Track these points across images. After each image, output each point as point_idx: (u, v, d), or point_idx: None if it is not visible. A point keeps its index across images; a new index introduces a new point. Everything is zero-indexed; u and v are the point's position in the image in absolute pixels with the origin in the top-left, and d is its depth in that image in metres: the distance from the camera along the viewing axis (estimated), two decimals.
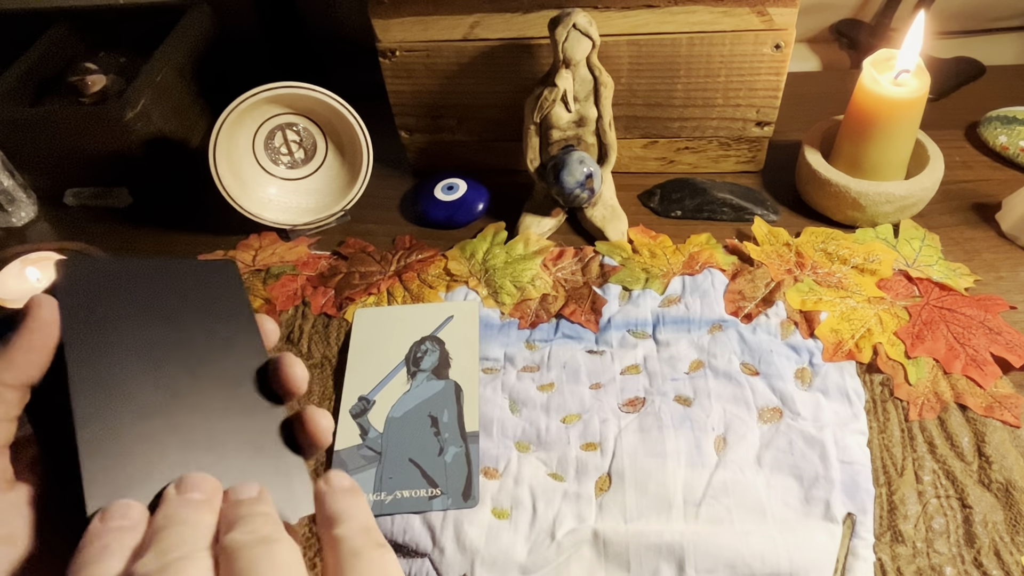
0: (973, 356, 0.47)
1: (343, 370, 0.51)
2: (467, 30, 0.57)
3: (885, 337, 0.49)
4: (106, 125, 0.63)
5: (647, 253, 0.57)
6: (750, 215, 0.59)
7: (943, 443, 0.44)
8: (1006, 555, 0.39)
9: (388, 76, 0.61)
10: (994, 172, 0.63)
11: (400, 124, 0.65)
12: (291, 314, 0.56)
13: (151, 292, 0.30)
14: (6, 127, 0.65)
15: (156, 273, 0.31)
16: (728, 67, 0.57)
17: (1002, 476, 0.42)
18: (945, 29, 0.77)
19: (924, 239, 0.56)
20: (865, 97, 0.54)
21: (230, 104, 0.56)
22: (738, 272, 0.55)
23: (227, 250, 0.62)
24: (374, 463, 0.45)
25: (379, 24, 0.58)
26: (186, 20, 0.74)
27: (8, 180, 0.65)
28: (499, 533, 0.41)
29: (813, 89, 0.73)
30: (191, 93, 0.73)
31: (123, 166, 0.66)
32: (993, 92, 0.70)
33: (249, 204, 0.60)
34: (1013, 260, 0.54)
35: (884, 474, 0.42)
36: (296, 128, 0.62)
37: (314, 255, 0.60)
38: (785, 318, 0.51)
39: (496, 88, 0.61)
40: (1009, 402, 0.45)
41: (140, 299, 0.30)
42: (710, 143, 0.63)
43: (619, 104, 0.60)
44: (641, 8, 0.55)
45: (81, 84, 0.69)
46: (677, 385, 0.48)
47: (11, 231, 0.67)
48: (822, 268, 0.54)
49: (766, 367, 0.48)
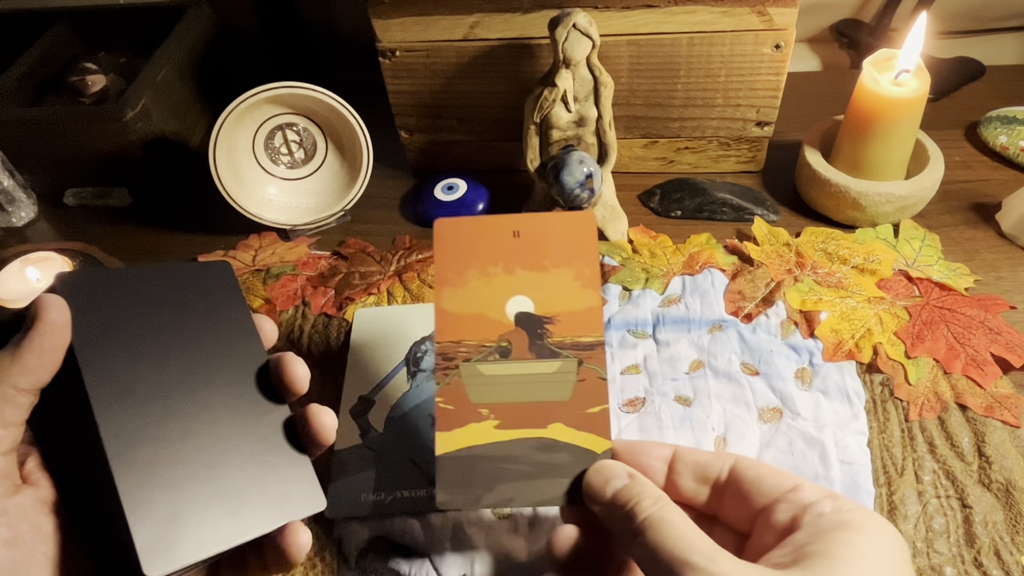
0: (973, 356, 0.47)
1: (343, 370, 0.51)
2: (467, 30, 0.57)
3: (885, 337, 0.49)
4: (106, 125, 0.63)
5: (647, 253, 0.57)
6: (750, 215, 0.59)
7: (943, 443, 0.44)
8: (1006, 555, 0.39)
9: (388, 76, 0.61)
10: (994, 172, 0.63)
11: (400, 124, 0.65)
12: (291, 314, 0.56)
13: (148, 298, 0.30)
14: (6, 127, 0.65)
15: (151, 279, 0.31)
16: (728, 67, 0.57)
17: (1002, 476, 0.42)
18: (945, 29, 0.77)
19: (924, 239, 0.56)
20: (865, 97, 0.54)
21: (230, 104, 0.56)
22: (738, 272, 0.55)
23: (227, 250, 0.62)
24: (374, 463, 0.45)
25: (379, 24, 0.58)
26: (186, 20, 0.74)
27: (8, 180, 0.65)
28: (499, 533, 0.41)
29: (813, 89, 0.73)
30: (191, 93, 0.73)
31: (123, 166, 0.66)
32: (993, 92, 0.70)
33: (249, 204, 0.60)
34: (1013, 260, 0.54)
35: (884, 474, 0.42)
36: (296, 128, 0.62)
37: (314, 255, 0.60)
38: (785, 318, 0.51)
39: (496, 88, 0.61)
40: (1009, 402, 0.45)
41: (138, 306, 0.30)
42: (710, 143, 0.63)
43: (619, 104, 0.60)
44: (641, 8, 0.55)
45: (81, 84, 0.69)
46: (677, 385, 0.48)
47: (11, 231, 0.67)
48: (822, 268, 0.54)
49: (766, 367, 0.48)
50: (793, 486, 0.28)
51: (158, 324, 0.30)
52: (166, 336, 0.30)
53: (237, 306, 0.33)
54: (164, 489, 0.27)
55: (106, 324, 0.28)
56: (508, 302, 0.39)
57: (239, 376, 0.31)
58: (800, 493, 0.28)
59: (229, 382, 0.31)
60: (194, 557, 0.26)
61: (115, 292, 0.30)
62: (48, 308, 0.27)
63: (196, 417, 0.29)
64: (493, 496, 0.35)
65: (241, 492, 0.29)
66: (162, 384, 0.29)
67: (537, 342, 0.38)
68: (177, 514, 0.27)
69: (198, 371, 0.30)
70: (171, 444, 0.28)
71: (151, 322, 0.30)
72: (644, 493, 0.29)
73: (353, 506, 0.43)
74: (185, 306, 0.31)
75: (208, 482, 0.28)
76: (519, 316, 0.39)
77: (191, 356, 0.30)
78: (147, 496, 0.26)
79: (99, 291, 0.29)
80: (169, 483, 0.27)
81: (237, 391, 0.31)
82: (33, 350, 0.26)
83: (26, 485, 0.27)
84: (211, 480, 0.28)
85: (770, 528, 0.28)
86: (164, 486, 0.27)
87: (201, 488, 0.28)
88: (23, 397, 0.26)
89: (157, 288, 0.31)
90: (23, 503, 0.26)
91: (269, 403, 0.32)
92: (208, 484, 0.28)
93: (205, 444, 0.29)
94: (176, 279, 0.32)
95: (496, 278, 0.39)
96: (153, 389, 0.29)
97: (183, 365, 0.30)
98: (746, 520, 0.30)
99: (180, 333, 0.31)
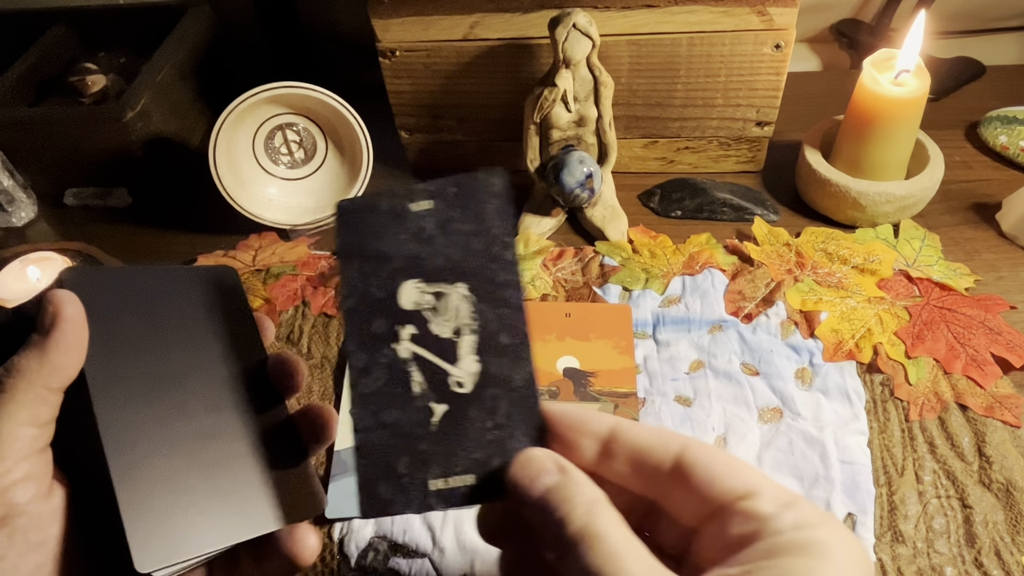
0: (973, 356, 0.47)
1: (343, 370, 0.51)
2: (467, 30, 0.57)
3: (885, 337, 0.49)
4: (106, 125, 0.63)
5: (647, 253, 0.57)
6: (750, 215, 0.59)
7: (943, 443, 0.44)
8: (1006, 555, 0.39)
9: (388, 76, 0.61)
10: (994, 172, 0.63)
11: (400, 124, 0.65)
12: (291, 314, 0.56)
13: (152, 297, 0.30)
14: (6, 127, 0.65)
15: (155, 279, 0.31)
16: (728, 67, 0.57)
17: (1002, 476, 0.42)
18: (945, 29, 0.77)
19: (924, 239, 0.56)
20: (865, 97, 0.54)
21: (230, 104, 0.56)
22: (738, 272, 0.55)
23: (227, 250, 0.62)
24: None
25: (379, 24, 0.58)
26: (186, 20, 0.74)
27: (8, 180, 0.65)
28: None
29: (813, 89, 0.73)
30: (191, 93, 0.73)
31: (123, 166, 0.66)
32: (993, 92, 0.70)
33: (249, 204, 0.60)
34: (1013, 260, 0.54)
35: (884, 474, 0.42)
36: (296, 128, 0.62)
37: (314, 255, 0.60)
38: (785, 318, 0.51)
39: (496, 88, 0.61)
40: (1009, 402, 0.45)
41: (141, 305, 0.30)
42: (710, 143, 0.63)
43: (619, 104, 0.60)
44: (641, 8, 0.55)
45: (81, 84, 0.69)
46: (677, 385, 0.48)
47: (11, 231, 0.67)
48: (822, 268, 0.54)
49: (766, 367, 0.48)
50: (748, 490, 0.24)
51: (160, 323, 0.30)
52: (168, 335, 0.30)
53: (242, 310, 0.33)
54: (160, 486, 0.27)
55: (109, 321, 0.28)
56: (558, 360, 0.49)
57: (239, 375, 0.31)
58: (757, 501, 0.24)
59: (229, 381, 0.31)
60: (187, 554, 0.26)
61: (119, 290, 0.30)
62: (66, 304, 0.27)
63: (195, 415, 0.29)
64: None
65: (239, 491, 0.29)
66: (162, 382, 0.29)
67: (580, 389, 0.48)
68: (173, 511, 0.27)
69: (199, 370, 0.30)
70: (169, 442, 0.28)
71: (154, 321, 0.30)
72: (577, 494, 0.25)
73: (353, 506, 0.43)
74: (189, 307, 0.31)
75: (205, 480, 0.28)
76: (567, 370, 0.49)
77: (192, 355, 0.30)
78: (143, 493, 0.26)
79: (103, 288, 0.29)
80: (166, 480, 0.27)
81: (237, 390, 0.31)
82: (60, 348, 0.26)
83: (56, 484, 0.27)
84: (208, 479, 0.28)
85: (720, 536, 0.24)
86: (160, 483, 0.27)
87: (198, 486, 0.28)
88: (54, 396, 0.26)
89: (161, 288, 0.31)
90: (55, 506, 0.26)
91: (268, 402, 0.32)
92: (205, 482, 0.28)
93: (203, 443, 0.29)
94: (181, 281, 0.32)
95: (550, 343, 0.50)
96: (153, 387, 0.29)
97: (184, 364, 0.30)
98: (693, 518, 0.26)
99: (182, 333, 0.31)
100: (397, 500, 0.28)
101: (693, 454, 0.25)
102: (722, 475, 0.25)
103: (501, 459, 0.28)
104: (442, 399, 0.29)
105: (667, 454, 0.26)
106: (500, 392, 0.29)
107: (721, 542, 0.24)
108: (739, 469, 0.25)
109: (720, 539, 0.24)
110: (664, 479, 0.26)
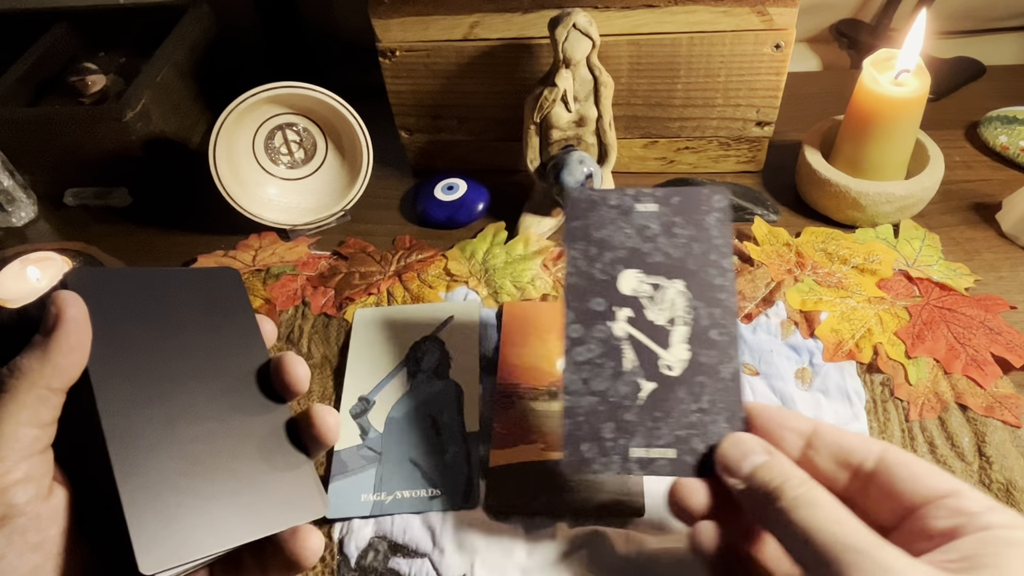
0: (973, 356, 0.47)
1: (343, 370, 0.51)
2: (467, 30, 0.57)
3: (885, 337, 0.49)
4: (106, 125, 0.63)
5: None
6: (750, 215, 0.59)
7: (944, 443, 0.44)
8: None
9: (388, 76, 0.61)
10: (994, 172, 0.63)
11: (400, 124, 0.65)
12: (291, 314, 0.56)
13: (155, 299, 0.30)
14: (6, 127, 0.65)
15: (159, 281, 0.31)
16: (728, 67, 0.57)
17: (1003, 476, 0.42)
18: (945, 29, 0.77)
19: (924, 239, 0.56)
20: (865, 97, 0.54)
21: (230, 104, 0.56)
22: (738, 272, 0.55)
23: (227, 250, 0.62)
24: (374, 463, 0.45)
25: (379, 24, 0.58)
26: (186, 20, 0.74)
27: (8, 180, 0.65)
28: (499, 533, 0.41)
29: (813, 89, 0.73)
30: (191, 93, 0.73)
31: (123, 166, 0.66)
32: (993, 92, 0.70)
33: (249, 204, 0.60)
34: (1013, 260, 0.54)
35: None
36: (296, 128, 0.62)
37: (314, 255, 0.60)
38: (785, 318, 0.51)
39: (496, 88, 0.61)
40: (1009, 402, 0.45)
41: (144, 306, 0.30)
42: (710, 143, 0.63)
43: (619, 104, 0.60)
44: (641, 8, 0.55)
45: (81, 84, 0.69)
46: None
47: (11, 231, 0.67)
48: (822, 268, 0.54)
49: (766, 367, 0.48)
50: (952, 490, 0.27)
51: (163, 325, 0.30)
52: (171, 337, 0.30)
53: (244, 313, 0.33)
54: (164, 488, 0.27)
55: (112, 322, 0.28)
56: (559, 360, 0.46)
57: (241, 377, 0.31)
58: (961, 500, 0.26)
59: (231, 383, 0.31)
60: (191, 556, 0.26)
61: (123, 292, 0.30)
62: (68, 305, 0.27)
63: (198, 417, 0.29)
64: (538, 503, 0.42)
65: (242, 493, 0.29)
66: (165, 384, 0.29)
67: None
68: (176, 513, 0.27)
69: (201, 372, 0.30)
70: (172, 444, 0.28)
71: (157, 323, 0.30)
72: (789, 473, 0.27)
73: (353, 506, 0.43)
74: (192, 309, 0.31)
75: (209, 483, 0.28)
76: None
77: (195, 357, 0.30)
78: (146, 494, 0.26)
79: (107, 290, 0.29)
80: (169, 482, 0.27)
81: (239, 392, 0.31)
82: (62, 349, 0.26)
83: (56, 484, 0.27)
84: (212, 481, 0.28)
85: (923, 530, 0.26)
86: (164, 485, 0.27)
87: (201, 488, 0.28)
88: (56, 397, 0.26)
89: (164, 290, 0.31)
90: (56, 506, 0.26)
91: (270, 404, 0.32)
92: (208, 485, 0.28)
93: (206, 445, 0.29)
94: (184, 283, 0.32)
95: (550, 343, 0.50)
96: (156, 388, 0.29)
97: (187, 366, 0.30)
98: (891, 515, 0.28)
99: (185, 335, 0.31)
100: (598, 460, 0.32)
101: (895, 455, 0.28)
102: (926, 475, 0.28)
103: (703, 440, 0.31)
104: (651, 378, 0.33)
105: (870, 454, 0.29)
106: (707, 380, 0.33)
107: (924, 534, 0.26)
108: (940, 471, 0.28)
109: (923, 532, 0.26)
110: (865, 477, 0.29)
